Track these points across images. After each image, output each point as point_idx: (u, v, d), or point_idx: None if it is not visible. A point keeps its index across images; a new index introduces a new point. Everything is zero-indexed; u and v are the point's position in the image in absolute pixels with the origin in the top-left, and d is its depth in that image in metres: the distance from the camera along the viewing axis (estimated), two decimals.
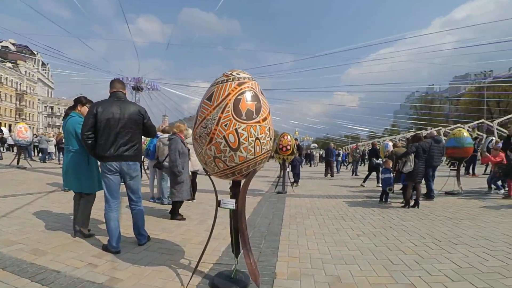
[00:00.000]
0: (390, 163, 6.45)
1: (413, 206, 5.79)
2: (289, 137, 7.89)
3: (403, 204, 5.92)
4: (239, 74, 2.10)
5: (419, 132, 6.00)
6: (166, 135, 5.52)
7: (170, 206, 4.87)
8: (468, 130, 25.79)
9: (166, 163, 5.51)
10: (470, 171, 11.69)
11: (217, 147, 2.01)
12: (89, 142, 2.89)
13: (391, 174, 6.30)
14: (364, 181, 9.83)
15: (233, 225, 2.41)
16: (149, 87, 32.98)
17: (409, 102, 78.40)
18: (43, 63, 69.10)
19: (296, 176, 10.58)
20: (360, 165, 17.60)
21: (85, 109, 3.55)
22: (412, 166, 5.80)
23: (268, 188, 8.89)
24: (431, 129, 33.87)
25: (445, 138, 8.52)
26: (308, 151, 34.81)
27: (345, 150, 34.19)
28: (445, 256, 3.05)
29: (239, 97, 1.99)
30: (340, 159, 19.66)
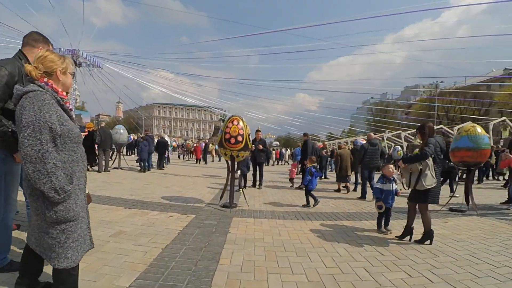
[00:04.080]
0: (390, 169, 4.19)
1: (422, 241, 3.57)
2: (241, 123, 5.21)
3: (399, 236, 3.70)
4: None
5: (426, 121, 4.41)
6: None
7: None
8: None
9: None
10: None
11: None
12: None
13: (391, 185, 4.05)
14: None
15: None
16: (88, 62, 27.63)
17: (366, 105, 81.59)
18: None
19: (260, 176, 8.28)
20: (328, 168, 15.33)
21: None
22: (435, 177, 3.56)
23: (212, 197, 6.14)
24: (388, 132, 34.50)
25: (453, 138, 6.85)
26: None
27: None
28: None
29: None
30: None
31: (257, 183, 8.19)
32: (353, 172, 8.59)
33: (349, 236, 3.73)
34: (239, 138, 5.09)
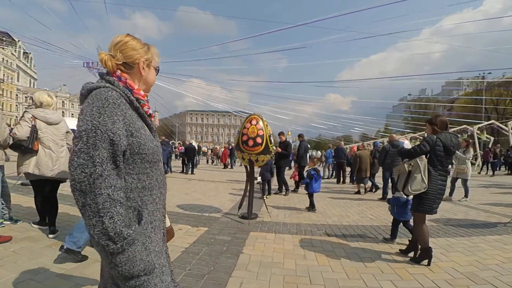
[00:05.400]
0: None
1: (417, 260, 2.93)
2: (260, 123, 4.57)
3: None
4: None
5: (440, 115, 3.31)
6: None
7: None
8: (476, 132, 23.19)
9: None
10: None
11: None
12: None
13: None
14: None
15: None
16: None
17: (404, 101, 76.43)
18: (25, 52, 64.84)
19: (283, 183, 7.51)
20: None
21: None
22: (425, 183, 2.75)
23: (231, 206, 5.56)
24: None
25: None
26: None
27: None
28: None
29: None
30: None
31: (283, 189, 7.49)
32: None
33: (396, 262, 2.89)
34: (258, 140, 4.46)
